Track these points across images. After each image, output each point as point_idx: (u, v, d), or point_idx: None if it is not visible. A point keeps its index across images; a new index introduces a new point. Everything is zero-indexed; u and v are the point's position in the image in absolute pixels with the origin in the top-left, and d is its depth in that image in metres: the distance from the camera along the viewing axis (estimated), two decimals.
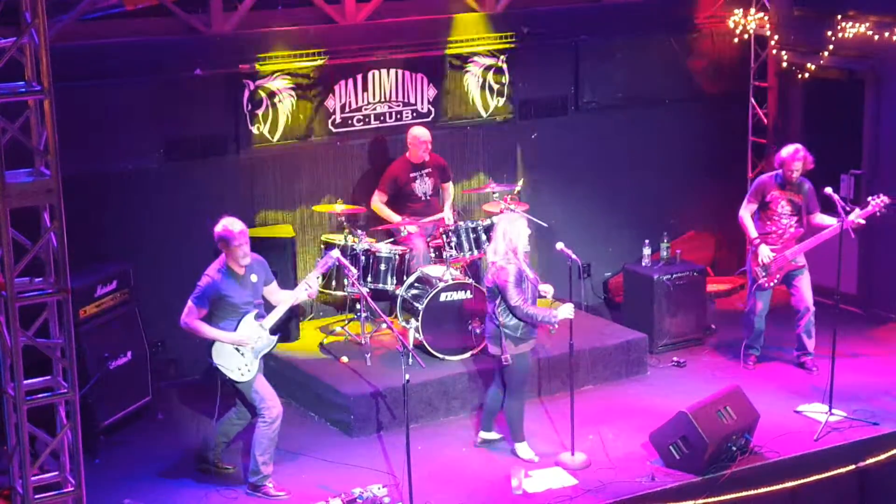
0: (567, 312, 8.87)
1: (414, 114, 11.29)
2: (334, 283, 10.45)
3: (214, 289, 8.36)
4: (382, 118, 11.20)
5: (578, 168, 12.12)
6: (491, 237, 9.24)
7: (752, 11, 12.37)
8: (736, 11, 12.41)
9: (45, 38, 6.60)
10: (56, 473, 7.19)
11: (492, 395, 9.28)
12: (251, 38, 10.55)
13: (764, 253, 10.27)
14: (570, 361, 9.19)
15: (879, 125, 11.64)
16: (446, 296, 10.05)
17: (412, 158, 10.88)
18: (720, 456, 8.80)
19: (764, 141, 12.47)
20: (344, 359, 10.19)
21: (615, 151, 12.29)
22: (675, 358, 10.88)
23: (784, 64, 12.21)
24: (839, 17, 11.58)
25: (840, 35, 11.58)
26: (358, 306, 10.38)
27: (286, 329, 10.25)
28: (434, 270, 10.32)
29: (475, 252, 10.41)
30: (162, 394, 10.15)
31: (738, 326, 10.85)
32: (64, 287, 6.85)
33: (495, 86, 11.63)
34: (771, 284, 10.38)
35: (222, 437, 8.83)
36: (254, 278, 8.51)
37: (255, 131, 10.68)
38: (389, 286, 10.40)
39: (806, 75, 12.04)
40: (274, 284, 8.70)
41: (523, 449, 9.13)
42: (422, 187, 10.92)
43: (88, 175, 9.79)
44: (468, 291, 10.15)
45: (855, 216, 9.82)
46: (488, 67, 11.57)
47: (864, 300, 11.81)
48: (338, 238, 10.49)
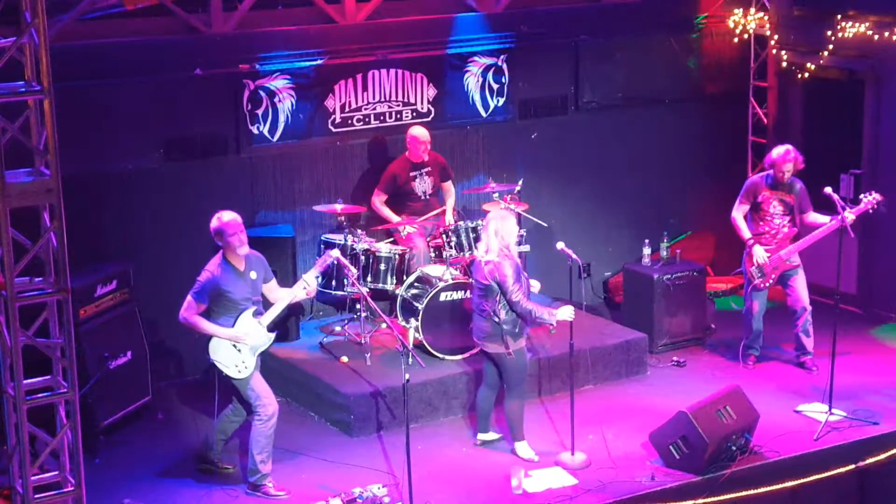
0: (566, 314, 8.86)
1: (414, 114, 11.29)
2: (334, 283, 10.46)
3: (214, 284, 8.36)
4: (382, 118, 11.20)
5: (578, 168, 12.13)
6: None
7: (752, 11, 12.37)
8: (736, 11, 12.42)
9: (45, 38, 6.60)
10: (56, 473, 7.18)
11: (483, 397, 9.26)
12: (251, 38, 10.55)
13: (759, 254, 10.27)
14: (570, 361, 9.19)
15: (879, 125, 11.63)
16: (446, 295, 10.05)
17: (412, 158, 10.88)
18: (720, 456, 8.79)
19: (764, 141, 12.46)
20: (344, 358, 10.19)
21: (615, 151, 12.29)
22: (675, 358, 10.87)
23: (784, 64, 12.21)
24: (839, 17, 11.57)
25: (840, 35, 11.58)
26: (358, 306, 10.37)
27: (284, 327, 10.26)
28: (434, 270, 10.32)
29: (475, 252, 10.40)
30: (162, 393, 10.14)
31: (738, 326, 10.85)
32: (64, 287, 6.85)
33: (495, 86, 11.63)
34: (766, 285, 10.38)
35: (220, 435, 8.83)
36: (253, 275, 8.51)
37: (255, 131, 10.68)
38: (389, 286, 10.40)
39: (806, 75, 12.04)
40: (273, 282, 8.70)
41: (523, 448, 9.12)
42: (421, 186, 10.92)
43: (88, 175, 9.80)
44: (468, 291, 10.14)
45: (848, 213, 9.82)
46: (488, 67, 11.57)
47: (864, 300, 11.81)
48: (338, 238, 10.49)
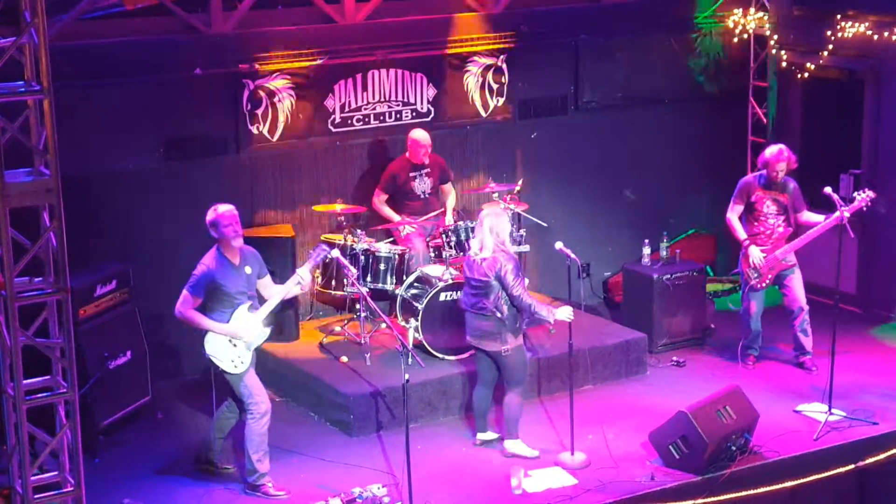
0: (565, 315, 8.86)
1: (413, 113, 11.29)
2: (334, 283, 10.46)
3: (210, 277, 8.35)
4: (382, 118, 11.20)
5: (578, 168, 12.13)
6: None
7: (752, 11, 12.37)
8: (735, 11, 12.42)
9: (45, 38, 6.60)
10: (55, 473, 7.19)
11: (480, 396, 9.25)
12: (251, 38, 10.55)
13: (755, 255, 10.27)
14: (570, 361, 9.18)
15: (879, 125, 11.63)
16: (446, 295, 10.04)
17: (412, 159, 10.88)
18: (720, 455, 8.79)
19: (763, 140, 12.45)
20: (344, 358, 10.19)
21: (615, 151, 12.29)
22: (675, 357, 10.87)
23: (784, 63, 12.21)
24: (839, 17, 11.57)
25: (839, 35, 11.58)
26: (357, 306, 10.37)
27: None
28: (433, 270, 10.32)
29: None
30: (161, 393, 10.14)
31: (738, 326, 10.84)
32: (63, 287, 6.85)
33: (495, 85, 11.62)
34: (763, 285, 10.38)
35: (218, 433, 8.82)
36: (248, 270, 8.51)
37: (255, 131, 10.68)
38: (389, 286, 10.40)
39: (805, 75, 12.04)
40: (267, 278, 8.69)
41: (516, 445, 9.11)
42: (421, 186, 10.92)
43: (88, 175, 9.81)
44: None
45: (844, 210, 9.81)
46: (488, 67, 11.56)
47: (864, 300, 11.81)
48: (337, 238, 10.49)
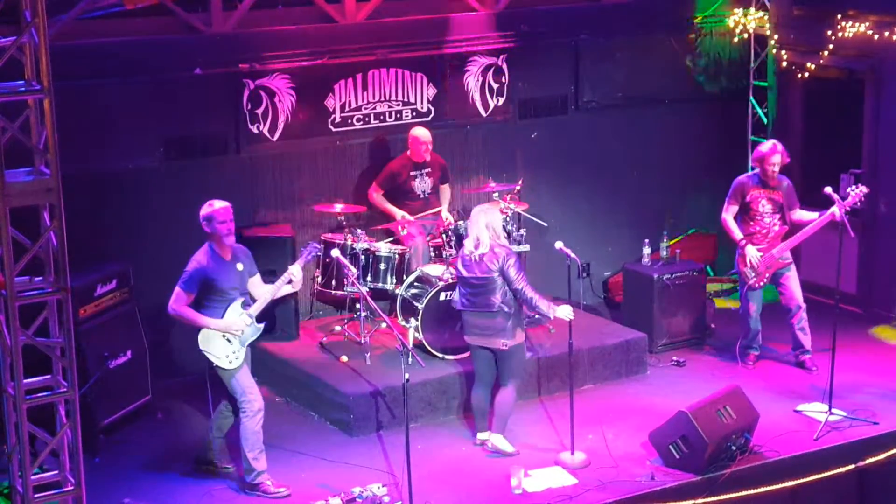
0: (565, 313, 8.86)
1: (414, 113, 11.29)
2: (334, 283, 10.46)
3: (202, 272, 8.36)
4: (382, 117, 11.20)
5: (578, 167, 12.13)
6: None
7: (752, 11, 12.37)
8: (736, 11, 12.41)
9: (45, 37, 6.60)
10: (56, 472, 7.19)
11: (479, 396, 9.22)
12: (251, 38, 10.55)
13: (752, 254, 10.27)
14: (570, 361, 9.19)
15: (879, 125, 11.63)
16: (446, 295, 10.03)
17: (414, 157, 10.88)
18: (720, 455, 8.79)
19: (764, 140, 12.45)
20: (344, 358, 10.19)
21: (615, 151, 12.29)
22: (675, 357, 10.87)
23: (784, 63, 12.21)
24: (839, 17, 11.57)
25: (840, 34, 11.57)
26: (358, 306, 10.37)
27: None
28: (433, 270, 10.32)
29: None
30: (161, 393, 10.14)
31: (738, 326, 10.84)
32: (64, 286, 6.85)
33: (495, 85, 11.63)
34: (761, 284, 10.38)
35: (217, 433, 8.81)
36: (240, 267, 8.52)
37: (255, 130, 10.68)
38: (389, 285, 10.40)
39: (806, 75, 12.04)
40: (257, 277, 8.69)
41: (501, 441, 9.09)
42: (421, 185, 10.92)
43: (88, 174, 9.81)
44: None
45: (836, 208, 9.80)
46: (488, 67, 11.56)
47: (864, 299, 11.81)
48: (337, 237, 10.49)
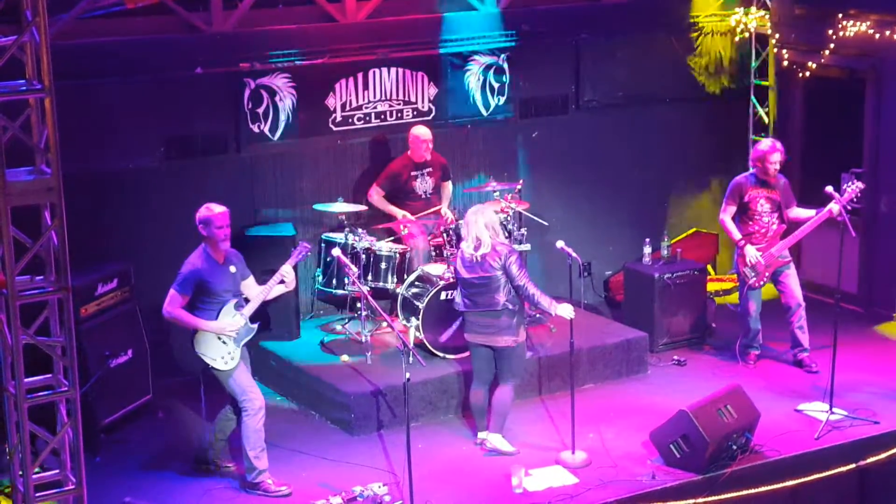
0: (566, 312, 8.86)
1: (415, 112, 11.29)
2: (335, 282, 10.46)
3: (197, 275, 8.37)
4: (383, 117, 11.20)
5: (579, 167, 12.12)
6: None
7: (753, 10, 12.37)
8: (737, 10, 12.41)
9: (46, 37, 6.60)
10: (57, 471, 7.19)
11: (478, 395, 9.21)
12: (252, 37, 10.55)
13: (751, 254, 10.27)
14: (571, 360, 9.18)
15: (880, 124, 11.62)
16: (447, 294, 10.03)
17: (414, 157, 10.88)
18: (721, 454, 8.79)
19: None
20: (344, 357, 10.19)
21: (616, 150, 12.29)
22: (676, 356, 10.87)
23: (785, 62, 12.20)
24: (840, 16, 11.56)
25: (841, 34, 11.57)
26: (358, 305, 10.37)
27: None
28: (434, 269, 10.31)
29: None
30: (162, 392, 10.14)
31: (738, 325, 10.83)
32: (65, 285, 6.86)
33: (496, 84, 11.62)
34: (761, 284, 10.38)
35: (219, 435, 8.82)
36: (232, 269, 8.53)
37: (256, 130, 10.68)
38: (390, 285, 10.40)
39: (807, 74, 12.04)
40: (250, 279, 8.70)
41: (500, 440, 9.09)
42: (422, 186, 10.92)
43: (89, 173, 9.81)
44: None
45: (834, 205, 9.80)
46: (489, 66, 11.56)
47: (865, 299, 11.80)
48: (338, 236, 10.49)
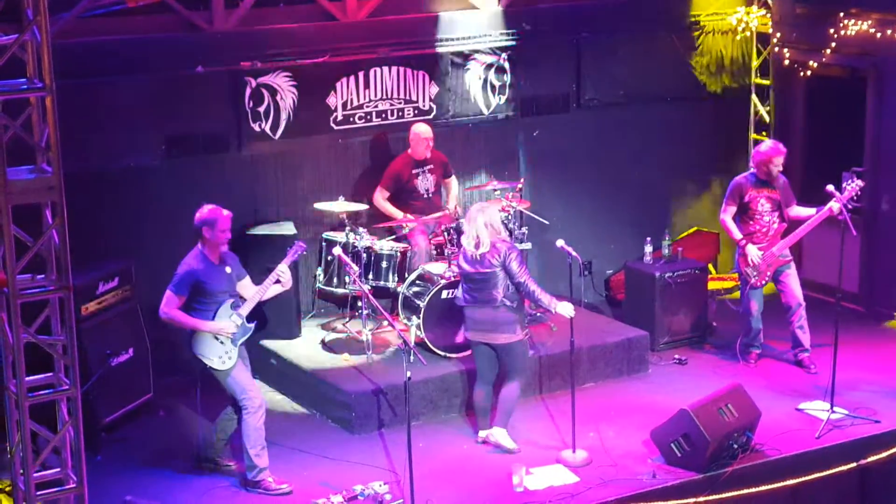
0: (566, 310, 8.86)
1: (416, 111, 11.29)
2: (336, 281, 10.46)
3: (194, 275, 8.37)
4: (384, 115, 11.20)
5: (580, 165, 12.12)
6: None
7: (755, 9, 12.37)
8: (738, 9, 12.41)
9: (47, 35, 6.60)
10: (58, 470, 7.20)
11: (481, 394, 9.22)
12: (253, 36, 10.55)
13: (753, 253, 10.27)
14: (571, 359, 9.19)
15: (881, 123, 11.63)
16: (448, 293, 10.04)
17: (414, 155, 10.88)
18: (721, 453, 8.79)
19: (765, 138, 12.46)
20: (345, 356, 10.19)
21: (617, 149, 12.28)
22: (677, 355, 10.87)
23: (786, 61, 12.20)
24: (841, 15, 11.56)
25: (842, 32, 11.57)
26: (359, 304, 10.37)
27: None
28: (435, 268, 10.32)
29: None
30: (163, 390, 10.14)
31: (739, 324, 10.83)
32: (66, 284, 6.86)
33: (497, 83, 11.62)
34: (763, 283, 10.38)
35: (221, 434, 8.82)
36: (228, 270, 8.54)
37: (257, 129, 10.68)
38: (391, 283, 10.40)
39: (808, 73, 12.04)
40: (246, 279, 8.71)
41: (503, 435, 9.10)
42: (424, 184, 10.93)
43: (90, 172, 9.80)
44: None
45: (834, 203, 9.80)
46: (490, 65, 11.56)
47: (866, 298, 11.81)
48: (339, 235, 10.49)
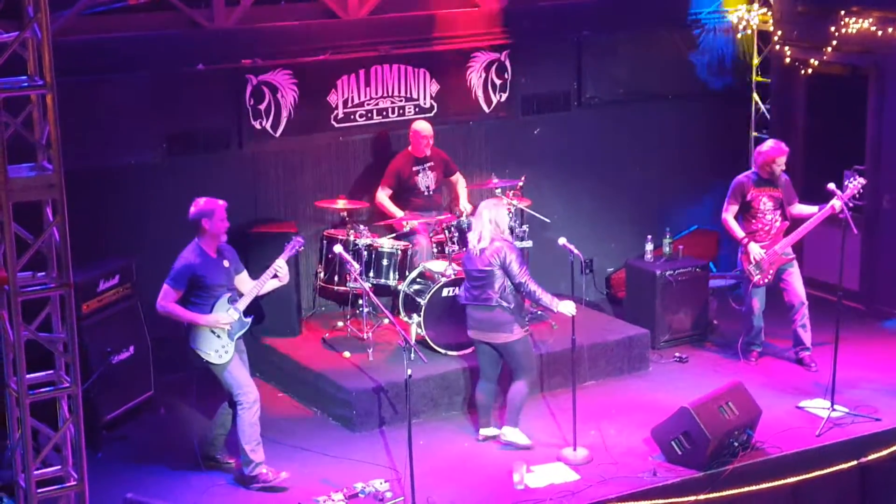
0: (568, 309, 8.86)
1: (416, 109, 11.29)
2: (337, 279, 10.46)
3: (190, 269, 8.37)
4: (385, 113, 11.20)
5: (581, 164, 12.12)
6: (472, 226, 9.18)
7: (756, 7, 12.37)
8: (739, 7, 12.40)
9: (48, 33, 6.60)
10: (59, 468, 7.20)
11: (485, 391, 9.24)
12: (254, 33, 10.55)
13: (755, 251, 10.27)
14: (572, 357, 9.18)
15: (882, 121, 11.62)
16: (448, 291, 10.04)
17: (415, 153, 10.88)
18: (722, 451, 8.79)
19: (766, 137, 12.45)
20: (346, 354, 10.19)
21: (617, 147, 12.29)
22: (677, 353, 10.87)
23: (787, 59, 12.20)
24: (842, 13, 11.56)
25: (843, 30, 11.57)
26: (360, 301, 10.38)
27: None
28: (436, 266, 10.32)
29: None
30: (164, 388, 10.14)
31: (740, 322, 10.83)
32: (66, 282, 6.86)
33: (497, 81, 11.62)
34: (765, 281, 10.38)
35: (220, 430, 8.83)
36: (226, 264, 8.54)
37: (258, 126, 10.68)
38: (392, 281, 10.40)
39: (809, 71, 12.04)
40: (244, 274, 8.71)
41: (515, 433, 9.11)
42: (424, 181, 10.93)
43: (91, 170, 9.80)
44: None
45: (836, 201, 9.80)
46: (490, 63, 11.56)
47: (867, 296, 11.80)
48: (340, 233, 10.49)
